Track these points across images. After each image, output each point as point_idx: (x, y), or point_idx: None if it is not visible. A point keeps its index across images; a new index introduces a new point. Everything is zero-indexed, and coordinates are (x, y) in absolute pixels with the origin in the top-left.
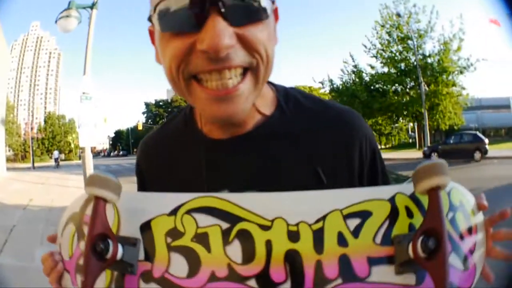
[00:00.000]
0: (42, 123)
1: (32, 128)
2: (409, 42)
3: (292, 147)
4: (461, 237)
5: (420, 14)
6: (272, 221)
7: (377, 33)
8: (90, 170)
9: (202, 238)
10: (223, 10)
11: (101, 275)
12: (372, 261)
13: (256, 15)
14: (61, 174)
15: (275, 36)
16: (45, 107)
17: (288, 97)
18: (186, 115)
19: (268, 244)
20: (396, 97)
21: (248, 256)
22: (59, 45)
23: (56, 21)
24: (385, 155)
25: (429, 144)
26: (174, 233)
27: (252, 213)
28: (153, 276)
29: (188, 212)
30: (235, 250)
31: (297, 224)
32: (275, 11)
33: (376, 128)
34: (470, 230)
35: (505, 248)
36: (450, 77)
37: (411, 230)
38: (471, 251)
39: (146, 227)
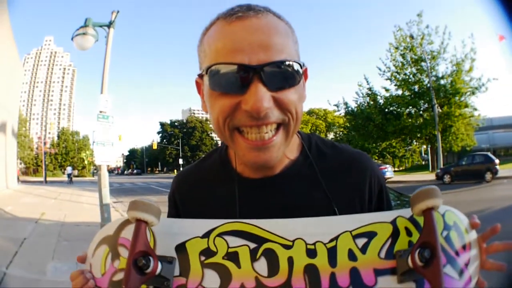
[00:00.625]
0: (55, 138)
1: (45, 143)
2: (423, 64)
3: (312, 186)
4: (456, 252)
5: (433, 35)
6: (293, 241)
7: (391, 55)
8: (106, 188)
9: (232, 256)
10: (263, 77)
11: None
12: (378, 272)
13: (289, 81)
14: (74, 190)
15: (304, 94)
16: (59, 123)
17: (310, 143)
18: (222, 155)
19: (290, 260)
20: (410, 120)
21: (273, 270)
22: (73, 61)
23: (72, 38)
24: (398, 177)
25: (442, 166)
26: (207, 252)
27: (276, 235)
28: None
29: (220, 235)
30: (262, 265)
31: (314, 244)
32: (305, 72)
33: (390, 150)
34: (464, 246)
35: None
36: (462, 98)
37: (410, 246)
38: (466, 264)
39: (181, 248)
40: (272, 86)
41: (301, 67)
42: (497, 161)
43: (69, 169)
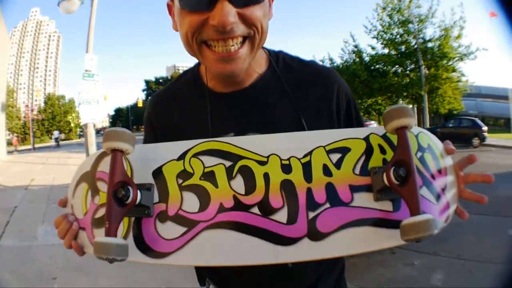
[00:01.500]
0: (42, 104)
1: (32, 110)
2: (410, 25)
3: (280, 97)
4: (432, 176)
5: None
6: (268, 157)
7: (378, 15)
8: (92, 147)
9: (209, 176)
10: None
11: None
12: (354, 189)
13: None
14: (61, 153)
15: (270, 13)
16: (45, 89)
17: (278, 59)
18: (194, 74)
19: (266, 176)
20: (396, 78)
21: (250, 187)
22: (58, 28)
23: (58, 4)
24: None
25: (428, 126)
26: (184, 175)
27: (250, 151)
28: (168, 215)
29: (195, 155)
30: (239, 183)
31: (288, 159)
32: None
33: (376, 107)
34: (440, 170)
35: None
36: (450, 63)
37: (384, 164)
38: (443, 189)
39: (158, 173)
40: (237, 3)
41: None
42: (485, 128)
43: (56, 133)
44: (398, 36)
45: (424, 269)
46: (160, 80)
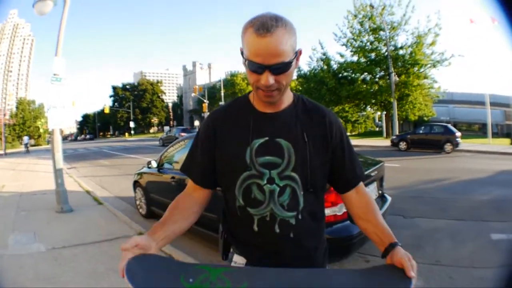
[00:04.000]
0: (14, 109)
1: (4, 115)
2: (381, 33)
3: (296, 121)
4: None
5: (395, 7)
6: None
7: (348, 22)
8: (59, 153)
9: None
10: (271, 70)
11: None
12: None
13: (285, 70)
14: (31, 159)
15: (293, 73)
16: (17, 93)
17: (299, 99)
18: (245, 99)
19: None
20: (364, 86)
21: None
22: (33, 31)
23: (33, 5)
24: (353, 141)
25: (397, 133)
26: None
27: None
28: None
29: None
30: None
31: None
32: (299, 53)
33: (343, 115)
34: None
35: None
36: (422, 70)
37: None
38: None
39: None
40: (275, 73)
41: (296, 55)
42: (458, 133)
43: (25, 139)
44: (368, 43)
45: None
46: (127, 86)
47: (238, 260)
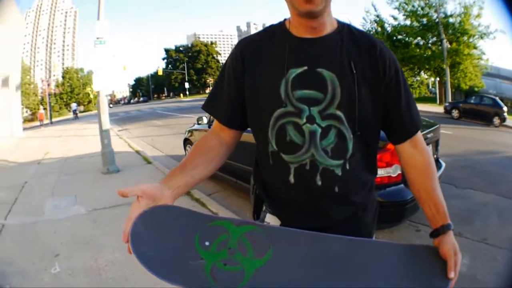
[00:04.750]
0: (60, 79)
1: (49, 85)
2: None
3: (341, 49)
4: None
5: None
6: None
7: None
8: (105, 115)
9: None
10: None
11: None
12: None
13: None
14: (79, 124)
15: None
16: (63, 63)
17: (344, 26)
18: (281, 25)
19: None
20: (418, 50)
21: None
22: (74, 4)
23: None
24: None
25: (450, 101)
26: None
27: None
28: None
29: None
30: None
31: None
32: None
33: None
34: None
35: None
36: (471, 40)
37: None
38: None
39: None
40: None
41: None
42: (505, 108)
43: (73, 106)
44: (419, 8)
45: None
46: (181, 48)
47: (271, 221)
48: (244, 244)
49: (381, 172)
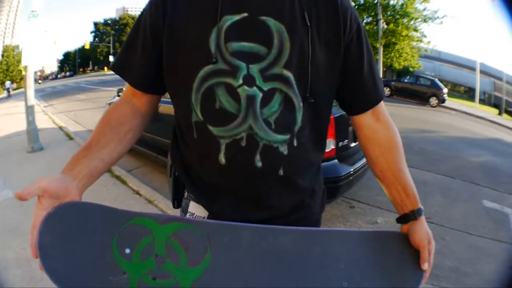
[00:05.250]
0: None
1: None
2: None
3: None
4: None
5: None
6: None
7: None
8: (30, 90)
9: None
10: None
11: None
12: None
13: None
14: (11, 102)
15: None
16: (3, 42)
17: None
18: None
19: None
20: None
21: None
22: None
23: None
24: None
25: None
26: None
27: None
28: None
29: None
30: None
31: None
32: None
33: None
34: None
35: None
36: (412, 22)
37: None
38: None
39: None
40: None
41: None
42: (445, 90)
43: (7, 84)
44: None
45: (389, 228)
46: (109, 22)
47: (195, 211)
48: (174, 248)
49: None
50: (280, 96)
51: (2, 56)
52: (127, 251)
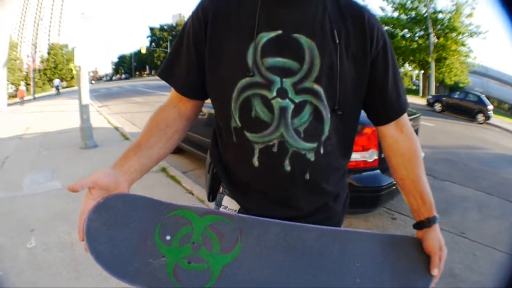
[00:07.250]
0: (45, 55)
1: (33, 60)
2: None
3: (323, 14)
4: None
5: None
6: None
7: None
8: (85, 90)
9: None
10: None
11: None
12: None
13: None
14: (61, 100)
15: None
16: (49, 39)
17: None
18: None
19: None
20: (404, 42)
21: None
22: None
23: None
24: None
25: (433, 94)
26: None
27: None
28: None
29: None
30: None
31: None
32: None
33: None
34: None
35: None
36: (459, 37)
37: None
38: None
39: None
40: None
41: None
42: (490, 106)
43: (56, 81)
44: (408, 1)
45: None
46: (165, 27)
47: (228, 204)
48: (210, 237)
49: (356, 156)
50: (310, 108)
51: (49, 53)
52: (168, 237)
